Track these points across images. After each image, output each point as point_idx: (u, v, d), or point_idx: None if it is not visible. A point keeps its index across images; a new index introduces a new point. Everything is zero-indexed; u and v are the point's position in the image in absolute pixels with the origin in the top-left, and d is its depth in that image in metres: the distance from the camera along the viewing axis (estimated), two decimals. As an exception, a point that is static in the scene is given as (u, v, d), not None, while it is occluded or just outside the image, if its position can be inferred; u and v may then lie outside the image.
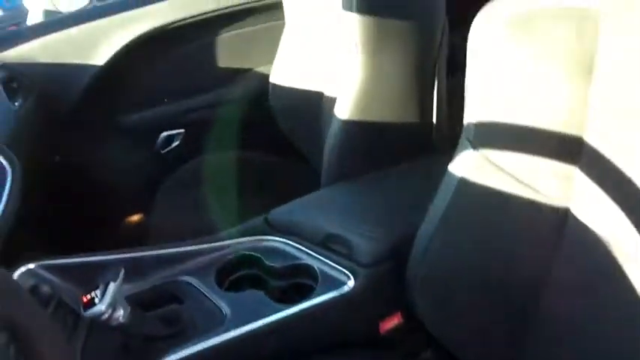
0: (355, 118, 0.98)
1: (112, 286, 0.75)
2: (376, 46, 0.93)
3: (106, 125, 1.44)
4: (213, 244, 0.93)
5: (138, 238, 1.36)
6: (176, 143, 1.49)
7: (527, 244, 0.67)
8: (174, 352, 0.76)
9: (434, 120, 1.03)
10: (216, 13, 1.43)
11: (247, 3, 1.45)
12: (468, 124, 0.68)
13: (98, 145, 1.45)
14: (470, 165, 0.68)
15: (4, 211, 0.85)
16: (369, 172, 1.01)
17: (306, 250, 0.88)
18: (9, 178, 0.90)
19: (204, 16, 1.42)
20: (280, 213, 0.96)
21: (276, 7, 1.40)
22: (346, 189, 1.00)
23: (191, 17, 1.41)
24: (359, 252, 0.83)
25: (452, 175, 0.71)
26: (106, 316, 0.73)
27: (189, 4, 1.41)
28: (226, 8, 1.44)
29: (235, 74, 1.49)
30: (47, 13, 1.44)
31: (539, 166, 0.63)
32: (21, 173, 0.93)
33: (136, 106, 1.45)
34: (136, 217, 1.57)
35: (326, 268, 0.85)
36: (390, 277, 0.82)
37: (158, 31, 1.39)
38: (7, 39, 1.33)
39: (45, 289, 0.85)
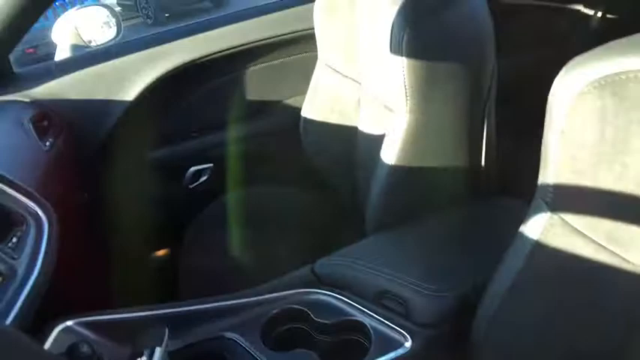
0: (403, 162, 0.94)
1: (158, 351, 0.72)
2: (425, 89, 0.90)
3: (134, 160, 1.41)
4: (257, 298, 0.89)
5: (165, 273, 1.33)
6: (204, 178, 1.46)
7: (611, 314, 0.63)
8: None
9: (482, 164, 1.00)
10: (245, 47, 1.41)
11: (276, 36, 1.43)
12: (544, 185, 0.64)
13: (126, 181, 1.42)
14: (546, 227, 0.64)
15: (42, 265, 0.82)
16: (416, 217, 0.97)
17: (358, 305, 0.84)
18: (46, 231, 0.87)
19: (232, 50, 1.40)
20: (327, 264, 0.92)
21: (306, 39, 1.38)
22: (395, 238, 0.96)
23: (219, 51, 1.39)
24: (416, 311, 0.79)
25: (525, 237, 0.66)
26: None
27: (218, 39, 1.39)
28: (255, 42, 1.41)
29: (265, 107, 1.47)
30: (75, 47, 1.42)
31: (626, 232, 0.59)
32: (56, 221, 0.90)
33: (164, 140, 1.42)
34: (163, 252, 1.53)
35: (380, 327, 0.81)
36: (451, 338, 0.78)
37: (186, 66, 1.37)
38: (36, 75, 1.30)
39: (85, 348, 0.80)
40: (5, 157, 1.01)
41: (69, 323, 0.84)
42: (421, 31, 0.87)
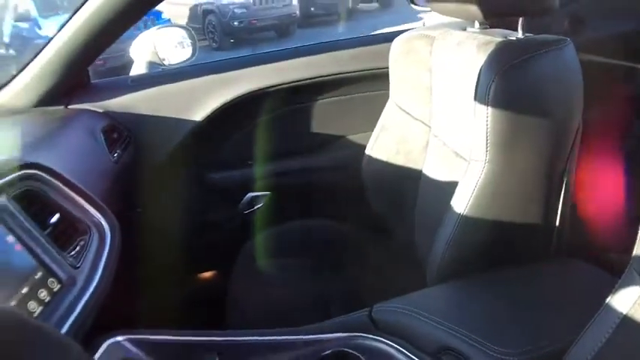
0: (475, 213, 0.90)
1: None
2: (508, 141, 0.87)
3: (193, 180, 1.42)
4: (310, 337, 0.85)
5: (210, 295, 1.30)
6: (260, 205, 1.45)
7: None
8: None
9: (557, 223, 0.94)
10: (314, 81, 1.41)
11: (347, 72, 1.42)
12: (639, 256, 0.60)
13: (182, 199, 1.43)
14: (638, 301, 0.59)
15: (102, 276, 0.81)
16: (483, 271, 0.93)
17: (416, 358, 0.79)
18: (108, 242, 0.87)
19: (301, 83, 1.41)
20: (385, 310, 0.88)
21: (378, 78, 1.37)
22: (461, 290, 0.91)
23: (288, 82, 1.40)
24: (480, 373, 0.74)
25: (613, 308, 0.61)
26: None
27: (288, 70, 1.40)
28: (326, 76, 1.42)
29: (329, 141, 1.46)
30: (151, 64, 1.46)
31: None
32: (118, 233, 0.90)
33: (225, 164, 1.43)
34: (209, 275, 1.52)
35: (440, 385, 0.76)
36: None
37: (254, 94, 1.38)
38: (111, 88, 1.35)
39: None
40: (76, 164, 1.02)
41: (119, 338, 0.82)
42: (511, 82, 0.84)
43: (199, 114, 1.35)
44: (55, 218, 0.82)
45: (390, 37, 1.24)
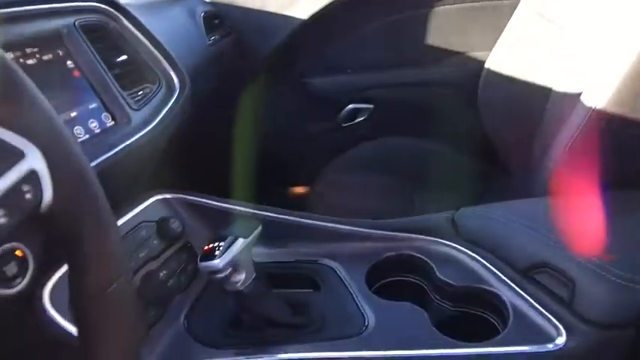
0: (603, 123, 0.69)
1: (239, 243, 0.59)
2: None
3: (292, 85, 1.33)
4: (375, 231, 0.72)
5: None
6: (361, 118, 1.32)
7: None
8: (291, 350, 0.57)
9: None
10: None
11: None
12: None
13: (278, 105, 1.35)
14: None
15: (160, 123, 0.75)
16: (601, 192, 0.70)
17: (500, 273, 0.62)
18: (176, 94, 0.80)
19: None
20: (472, 215, 0.71)
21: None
22: (576, 205, 0.70)
23: None
24: (586, 299, 0.55)
25: None
26: (222, 275, 0.58)
27: None
28: None
29: (444, 54, 1.26)
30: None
31: None
32: (190, 95, 0.83)
33: (327, 70, 1.31)
34: (301, 189, 1.44)
35: (526, 309, 0.58)
36: (625, 349, 0.52)
37: None
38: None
39: (175, 225, 0.72)
40: (170, 34, 0.98)
41: (167, 195, 0.76)
42: None
43: (307, 11, 1.23)
44: (122, 57, 0.77)
45: None
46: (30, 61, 0.64)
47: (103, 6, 0.77)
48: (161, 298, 0.67)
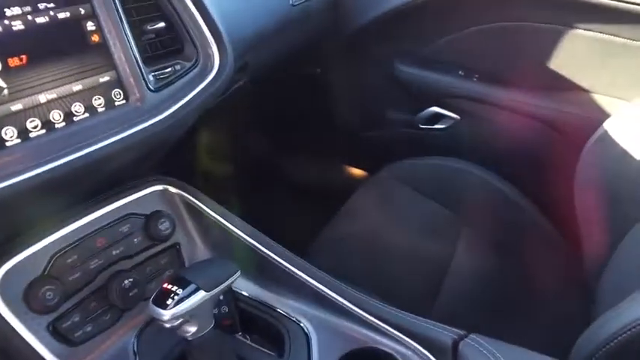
0: None
1: (198, 296, 0.52)
2: None
3: (378, 64, 1.17)
4: (370, 318, 0.60)
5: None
6: (441, 126, 1.15)
7: None
8: None
9: None
10: None
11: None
12: None
13: (359, 82, 1.21)
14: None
15: (183, 107, 0.65)
16: None
17: None
18: (209, 79, 0.69)
19: None
20: (478, 348, 0.57)
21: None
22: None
23: None
24: None
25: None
26: (168, 326, 0.51)
27: None
28: None
29: (562, 86, 1.02)
30: None
31: None
32: (227, 80, 0.72)
33: (419, 61, 1.13)
34: (358, 172, 1.35)
35: None
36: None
37: None
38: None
39: (163, 225, 0.67)
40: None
41: (169, 188, 0.70)
42: None
43: None
44: (156, 25, 0.67)
45: None
46: (40, 20, 0.57)
47: None
48: (121, 304, 0.62)
